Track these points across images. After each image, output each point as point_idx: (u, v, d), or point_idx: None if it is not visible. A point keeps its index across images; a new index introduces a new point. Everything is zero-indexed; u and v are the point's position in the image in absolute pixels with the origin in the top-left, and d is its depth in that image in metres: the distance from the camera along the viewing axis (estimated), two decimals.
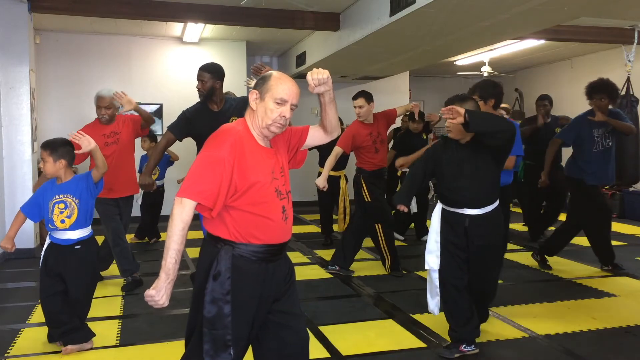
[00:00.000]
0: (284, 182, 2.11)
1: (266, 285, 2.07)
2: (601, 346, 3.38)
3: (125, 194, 4.67)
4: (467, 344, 3.20)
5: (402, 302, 4.22)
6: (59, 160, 3.17)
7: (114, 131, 4.62)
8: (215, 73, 3.78)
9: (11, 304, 4.27)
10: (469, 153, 3.08)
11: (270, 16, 6.26)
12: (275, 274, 2.10)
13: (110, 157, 4.41)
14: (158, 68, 8.12)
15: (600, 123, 4.74)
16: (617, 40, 7.26)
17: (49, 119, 7.47)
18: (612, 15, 6.06)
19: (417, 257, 5.68)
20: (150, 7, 5.99)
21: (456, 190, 3.11)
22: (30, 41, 5.99)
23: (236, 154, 1.99)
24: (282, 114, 2.03)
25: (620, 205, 8.24)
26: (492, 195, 3.13)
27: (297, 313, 2.20)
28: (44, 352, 3.29)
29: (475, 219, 3.09)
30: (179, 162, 6.57)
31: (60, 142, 3.19)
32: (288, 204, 2.12)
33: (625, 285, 4.70)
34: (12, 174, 5.84)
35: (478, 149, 3.05)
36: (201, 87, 3.76)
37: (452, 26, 5.11)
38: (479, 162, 3.07)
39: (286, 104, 2.04)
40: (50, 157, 3.15)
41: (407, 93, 10.49)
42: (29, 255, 5.79)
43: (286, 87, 2.04)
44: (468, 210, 3.10)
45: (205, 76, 3.74)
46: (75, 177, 3.27)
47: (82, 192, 3.23)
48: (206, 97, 3.80)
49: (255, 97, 2.08)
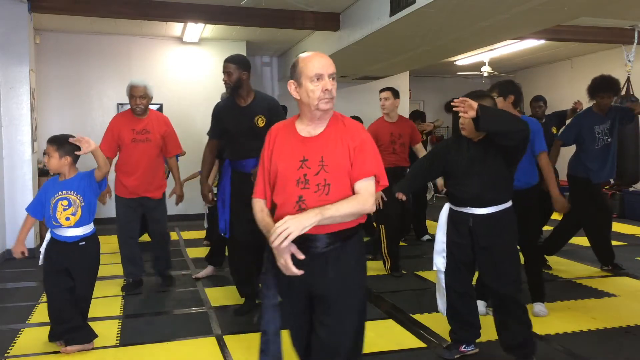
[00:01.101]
0: (317, 172, 2.02)
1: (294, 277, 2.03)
2: (601, 346, 3.37)
3: (147, 195, 4.48)
4: (467, 345, 3.21)
5: (402, 302, 4.22)
6: (64, 157, 3.15)
7: (145, 129, 4.42)
8: (241, 64, 3.69)
9: (11, 304, 4.27)
10: (480, 151, 3.00)
11: (270, 16, 6.26)
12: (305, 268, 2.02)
13: (137, 156, 4.36)
14: (158, 68, 8.12)
15: (601, 119, 4.75)
16: (617, 40, 7.26)
17: (49, 119, 7.47)
18: (612, 15, 6.06)
19: (417, 257, 5.69)
20: (150, 7, 5.99)
21: (462, 188, 3.05)
22: (30, 41, 5.99)
23: (270, 145, 2.13)
24: (324, 87, 2.01)
25: (620, 205, 8.24)
26: (500, 195, 3.00)
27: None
28: (44, 352, 3.29)
29: (480, 219, 3.01)
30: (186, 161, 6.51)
31: (67, 139, 3.15)
32: (312, 195, 2.00)
33: (625, 285, 4.70)
34: (12, 174, 5.84)
35: (490, 148, 2.96)
36: (227, 79, 3.66)
37: (452, 26, 5.10)
38: (489, 161, 2.97)
39: (323, 77, 2.02)
40: (56, 152, 3.14)
41: (407, 93, 10.48)
42: (29, 255, 5.76)
43: (316, 62, 2.03)
44: (473, 210, 3.03)
45: (230, 67, 3.65)
46: (79, 175, 3.26)
47: (86, 189, 3.21)
48: (233, 90, 3.70)
49: (294, 87, 2.09)
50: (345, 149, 2.04)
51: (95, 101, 7.95)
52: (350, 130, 2.08)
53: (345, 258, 2.08)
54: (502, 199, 3.01)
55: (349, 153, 2.04)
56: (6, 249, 5.75)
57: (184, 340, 3.47)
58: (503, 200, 3.01)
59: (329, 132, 2.08)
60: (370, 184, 2.05)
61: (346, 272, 2.08)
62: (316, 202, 1.99)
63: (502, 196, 3.01)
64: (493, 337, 3.43)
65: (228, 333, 3.57)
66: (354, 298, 2.11)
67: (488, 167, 2.97)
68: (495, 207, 2.99)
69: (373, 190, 2.05)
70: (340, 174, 2.03)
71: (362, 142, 2.05)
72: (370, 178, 2.05)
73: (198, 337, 3.51)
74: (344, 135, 2.07)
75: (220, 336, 3.52)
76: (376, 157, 2.08)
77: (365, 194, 2.02)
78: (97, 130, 7.90)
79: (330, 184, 2.01)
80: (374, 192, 2.05)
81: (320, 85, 2.01)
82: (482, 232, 3.00)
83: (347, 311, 2.09)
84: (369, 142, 2.08)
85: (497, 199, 3.00)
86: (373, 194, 2.04)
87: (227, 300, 4.28)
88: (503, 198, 3.02)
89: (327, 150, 2.04)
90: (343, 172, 2.03)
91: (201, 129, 7.65)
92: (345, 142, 2.05)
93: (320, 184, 2.02)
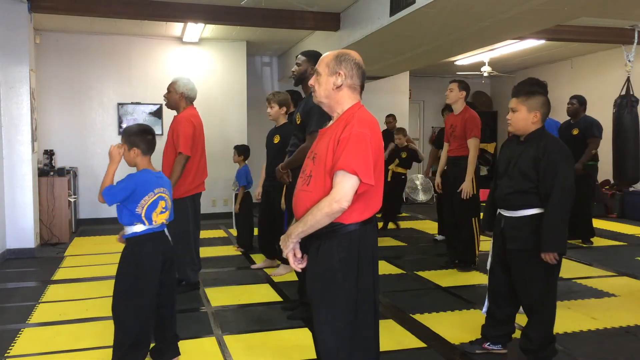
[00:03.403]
0: (312, 168, 2.11)
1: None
2: (601, 346, 3.37)
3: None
4: (493, 343, 3.17)
5: (402, 302, 4.22)
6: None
7: (172, 127, 4.41)
8: (310, 57, 3.77)
9: (11, 304, 4.27)
10: (520, 152, 2.91)
11: (270, 16, 6.26)
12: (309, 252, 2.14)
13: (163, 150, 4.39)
14: (158, 68, 8.11)
15: None
16: (617, 40, 7.27)
17: (49, 119, 7.46)
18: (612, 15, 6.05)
19: (417, 258, 5.69)
20: (150, 7, 5.99)
21: (497, 188, 3.02)
22: (30, 41, 5.99)
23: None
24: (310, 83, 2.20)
25: (620, 205, 8.24)
26: (529, 200, 2.86)
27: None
28: (44, 352, 3.28)
29: (510, 222, 2.93)
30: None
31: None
32: (301, 181, 2.14)
33: (625, 285, 4.69)
34: (12, 174, 5.84)
35: (529, 150, 2.87)
36: (296, 70, 3.80)
37: (452, 26, 5.11)
38: (522, 163, 2.88)
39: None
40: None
41: (407, 93, 10.50)
42: (29, 255, 5.80)
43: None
44: (503, 212, 2.98)
45: (300, 59, 3.78)
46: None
47: None
48: (298, 82, 3.84)
49: None
50: (333, 143, 2.03)
51: (95, 101, 7.95)
52: (348, 124, 2.04)
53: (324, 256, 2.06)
54: (531, 204, 2.87)
55: (334, 146, 2.02)
56: (6, 248, 5.77)
57: (184, 340, 3.46)
58: (536, 205, 2.87)
59: (333, 126, 2.13)
60: (344, 180, 1.96)
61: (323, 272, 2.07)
62: (300, 191, 2.13)
63: (531, 201, 2.87)
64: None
65: (228, 333, 3.57)
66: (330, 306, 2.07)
67: (518, 169, 2.90)
68: (524, 211, 2.89)
69: (346, 187, 1.96)
70: (321, 167, 2.05)
71: (348, 136, 1.99)
72: (345, 173, 1.96)
73: (198, 337, 3.51)
74: (339, 128, 2.06)
75: (221, 336, 3.52)
76: (357, 153, 1.97)
77: (334, 192, 1.97)
78: (97, 130, 7.94)
79: (312, 177, 2.08)
80: (349, 189, 1.96)
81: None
82: (511, 235, 2.94)
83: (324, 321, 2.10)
84: (356, 137, 1.99)
85: (526, 204, 2.88)
86: (346, 191, 1.96)
87: (227, 300, 4.28)
88: (533, 204, 2.87)
89: (322, 144, 2.10)
90: (324, 165, 2.04)
91: None
92: (337, 136, 2.04)
93: (307, 175, 2.12)
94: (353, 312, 2.04)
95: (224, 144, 7.99)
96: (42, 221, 6.34)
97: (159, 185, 2.85)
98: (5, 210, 5.78)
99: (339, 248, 2.04)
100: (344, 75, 2.10)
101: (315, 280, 2.09)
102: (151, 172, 2.86)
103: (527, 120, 2.92)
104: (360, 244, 2.06)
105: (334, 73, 2.11)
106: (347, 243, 2.04)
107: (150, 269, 2.81)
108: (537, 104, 2.91)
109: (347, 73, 2.11)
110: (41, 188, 6.32)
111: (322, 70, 2.14)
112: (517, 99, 2.95)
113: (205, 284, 4.73)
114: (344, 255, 2.04)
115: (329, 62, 2.12)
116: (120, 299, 2.82)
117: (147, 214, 2.78)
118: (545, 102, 2.95)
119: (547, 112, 2.96)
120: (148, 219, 2.79)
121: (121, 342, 2.81)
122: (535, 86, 2.97)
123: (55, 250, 6.11)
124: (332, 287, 2.04)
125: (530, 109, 2.91)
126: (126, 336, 2.79)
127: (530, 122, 2.91)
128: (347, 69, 2.11)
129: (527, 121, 2.92)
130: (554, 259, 2.79)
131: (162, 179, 2.94)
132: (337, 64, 2.11)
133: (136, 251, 2.81)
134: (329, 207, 1.96)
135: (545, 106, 2.95)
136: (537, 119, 2.91)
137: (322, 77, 2.13)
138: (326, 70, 2.12)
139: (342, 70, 2.10)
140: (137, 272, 2.79)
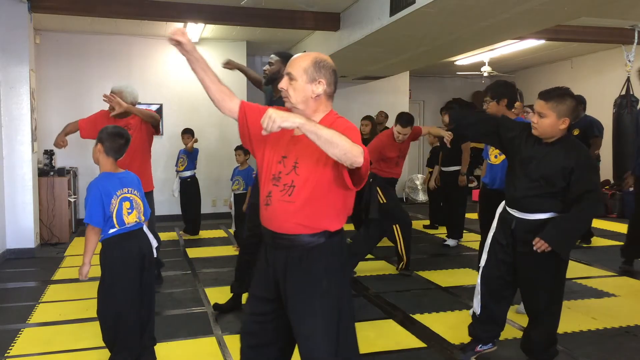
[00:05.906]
0: (288, 172, 1.98)
1: (270, 271, 2.06)
2: (601, 346, 3.37)
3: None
4: (484, 344, 3.14)
5: (402, 302, 4.21)
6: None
7: (127, 124, 4.38)
8: (285, 58, 3.70)
9: (11, 304, 4.27)
10: (544, 154, 2.80)
11: (270, 16, 6.26)
12: (274, 263, 2.05)
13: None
14: (158, 68, 8.11)
15: None
16: (617, 40, 7.26)
17: (49, 119, 7.45)
18: (612, 15, 6.06)
19: (417, 258, 5.68)
20: (150, 7, 5.99)
21: (512, 187, 2.92)
22: (30, 41, 5.99)
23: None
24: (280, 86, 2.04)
25: (620, 205, 8.25)
26: (548, 203, 2.80)
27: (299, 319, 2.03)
28: (44, 352, 3.29)
29: (522, 224, 2.86)
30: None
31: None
32: (279, 192, 1.98)
33: (625, 285, 4.70)
34: (12, 174, 5.84)
35: (558, 153, 2.77)
36: (268, 70, 3.78)
37: (452, 26, 5.11)
38: (549, 169, 2.77)
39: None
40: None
41: (407, 93, 10.49)
42: (29, 255, 5.80)
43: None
44: (515, 213, 2.91)
45: (273, 59, 3.77)
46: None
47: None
48: (269, 81, 3.81)
49: None
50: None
51: (95, 101, 7.89)
52: (333, 124, 1.95)
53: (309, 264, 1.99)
54: (551, 208, 2.80)
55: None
56: (6, 248, 5.77)
57: (184, 340, 3.46)
58: (552, 209, 2.80)
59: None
60: (357, 144, 1.83)
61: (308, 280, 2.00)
62: (279, 200, 1.98)
63: (549, 206, 2.81)
64: (510, 336, 3.42)
65: (228, 333, 3.57)
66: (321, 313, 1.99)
67: (541, 173, 2.79)
68: (540, 215, 2.82)
69: (359, 148, 1.81)
70: (312, 164, 1.95)
71: (343, 130, 1.87)
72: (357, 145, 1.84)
73: (198, 337, 3.51)
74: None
75: (220, 336, 3.52)
76: (358, 139, 1.89)
77: (363, 150, 1.83)
78: None
79: (295, 187, 1.96)
80: (359, 151, 1.81)
81: None
82: (522, 239, 2.86)
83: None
84: (351, 129, 1.93)
85: (543, 208, 2.82)
86: (359, 151, 1.80)
87: (227, 300, 4.28)
88: (552, 207, 2.80)
89: (299, 147, 1.99)
90: (316, 159, 1.94)
91: (201, 129, 7.67)
92: None
93: (285, 184, 1.98)
94: (337, 319, 1.99)
95: (223, 144, 7.98)
96: (42, 221, 6.34)
97: (122, 186, 2.87)
98: (5, 210, 5.78)
99: (326, 256, 2.00)
100: (324, 84, 1.99)
101: (299, 291, 1.99)
102: (112, 175, 2.88)
103: (555, 127, 2.77)
104: (342, 251, 2.05)
105: (313, 80, 1.98)
106: (333, 250, 2.01)
107: (125, 269, 2.82)
108: (568, 110, 2.78)
109: (327, 81, 2.00)
110: (41, 188, 6.32)
111: (297, 75, 1.98)
112: (546, 104, 2.77)
113: (205, 284, 4.73)
114: (331, 263, 2.00)
115: (307, 68, 1.98)
116: (101, 301, 2.86)
117: (117, 217, 2.82)
118: (575, 108, 2.85)
119: (576, 118, 2.89)
120: (119, 221, 2.83)
121: (110, 345, 2.88)
122: (565, 90, 2.84)
123: (55, 250, 6.11)
124: (317, 295, 1.98)
125: (560, 115, 2.76)
126: (111, 338, 2.85)
127: (559, 128, 2.78)
128: (327, 76, 2.00)
129: (555, 127, 2.77)
130: (544, 250, 2.70)
131: (127, 178, 2.94)
132: (317, 71, 1.98)
133: (107, 254, 2.85)
134: (353, 150, 1.78)
135: (575, 112, 2.88)
136: (565, 125, 2.79)
137: (299, 83, 1.98)
138: (304, 77, 1.97)
139: (322, 79, 1.98)
140: (112, 274, 2.82)
